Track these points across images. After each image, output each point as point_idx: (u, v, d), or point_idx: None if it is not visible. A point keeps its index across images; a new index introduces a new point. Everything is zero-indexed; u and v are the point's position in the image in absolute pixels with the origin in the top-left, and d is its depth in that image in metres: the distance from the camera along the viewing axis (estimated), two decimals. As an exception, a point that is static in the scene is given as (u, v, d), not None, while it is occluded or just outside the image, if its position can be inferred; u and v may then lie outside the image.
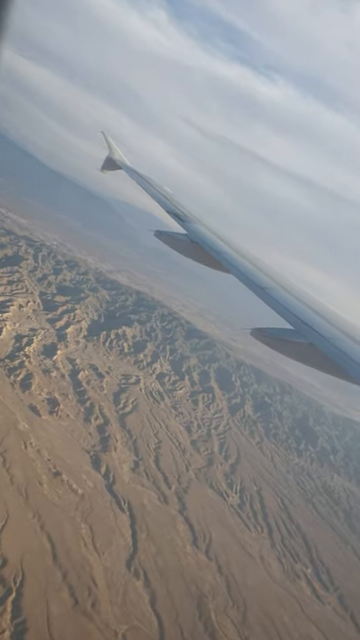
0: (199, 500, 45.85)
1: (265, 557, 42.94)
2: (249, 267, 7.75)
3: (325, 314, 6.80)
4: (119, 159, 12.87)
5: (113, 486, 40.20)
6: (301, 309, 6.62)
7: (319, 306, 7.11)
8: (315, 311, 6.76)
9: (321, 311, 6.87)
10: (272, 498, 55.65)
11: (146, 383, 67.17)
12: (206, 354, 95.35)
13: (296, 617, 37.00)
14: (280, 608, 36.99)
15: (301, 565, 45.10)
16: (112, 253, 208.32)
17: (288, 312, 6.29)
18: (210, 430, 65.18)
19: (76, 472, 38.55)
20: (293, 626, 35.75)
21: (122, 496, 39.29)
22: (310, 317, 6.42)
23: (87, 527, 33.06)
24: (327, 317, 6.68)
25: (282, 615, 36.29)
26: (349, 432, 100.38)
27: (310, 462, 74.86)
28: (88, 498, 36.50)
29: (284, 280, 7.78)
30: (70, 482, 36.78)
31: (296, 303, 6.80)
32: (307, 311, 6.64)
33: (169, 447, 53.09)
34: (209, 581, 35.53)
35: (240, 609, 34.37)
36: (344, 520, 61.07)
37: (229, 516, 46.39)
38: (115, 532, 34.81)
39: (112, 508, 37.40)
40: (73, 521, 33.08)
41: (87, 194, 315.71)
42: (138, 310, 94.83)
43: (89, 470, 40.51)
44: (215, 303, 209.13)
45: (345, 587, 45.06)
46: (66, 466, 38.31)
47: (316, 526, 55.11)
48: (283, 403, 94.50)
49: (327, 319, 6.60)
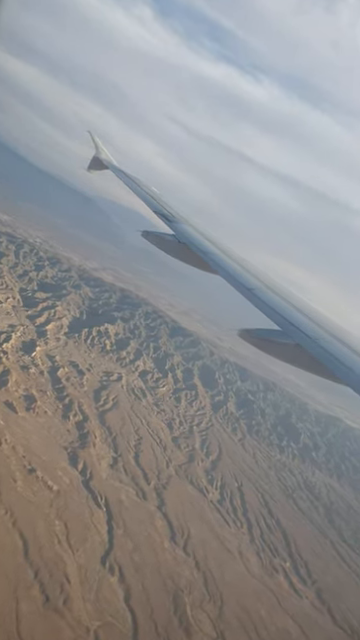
0: (179, 496, 45.69)
1: (244, 552, 43.00)
2: (236, 268, 7.77)
3: (311, 315, 6.83)
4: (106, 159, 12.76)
5: (90, 482, 39.76)
6: (287, 310, 6.67)
7: (305, 307, 7.14)
8: (301, 312, 6.80)
9: (307, 312, 6.90)
10: (253, 494, 55.83)
11: (128, 380, 66.75)
12: (190, 352, 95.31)
13: (273, 611, 37.11)
14: (257, 602, 37.05)
15: (280, 559, 45.31)
16: (98, 251, 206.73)
17: (275, 313, 6.34)
18: (192, 427, 65.09)
19: (52, 469, 38.01)
20: (270, 620, 35.84)
21: (99, 492, 38.89)
22: (296, 318, 6.47)
23: (61, 524, 32.59)
24: (313, 318, 6.72)
25: (259, 609, 36.36)
26: (332, 429, 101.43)
27: (292, 458, 75.40)
28: (63, 495, 36.00)
29: (271, 281, 7.80)
30: (45, 479, 36.24)
31: (282, 304, 6.84)
32: (293, 312, 6.68)
33: (150, 444, 52.81)
34: (186, 576, 35.38)
35: (217, 603, 34.30)
36: (324, 515, 61.63)
37: (209, 512, 46.34)
38: (90, 529, 34.40)
39: (88, 504, 36.97)
40: (47, 518, 32.58)
41: (73, 193, 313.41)
42: (122, 308, 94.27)
43: (65, 467, 39.99)
44: (202, 303, 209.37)
45: (323, 581, 45.43)
46: (41, 463, 37.73)
47: (296, 521, 55.48)
48: (266, 400, 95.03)
49: (313, 320, 6.63)
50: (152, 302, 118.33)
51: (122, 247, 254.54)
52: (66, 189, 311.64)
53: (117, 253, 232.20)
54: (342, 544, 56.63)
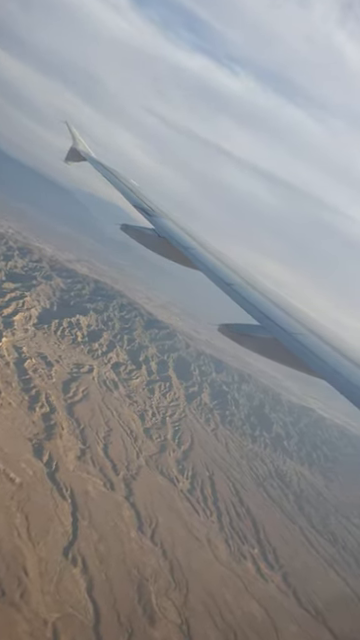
0: (148, 486, 45.47)
1: (212, 540, 43.22)
2: (215, 263, 7.79)
3: (289, 310, 6.93)
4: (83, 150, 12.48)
5: (55, 474, 39.03)
6: (266, 305, 6.75)
7: (283, 302, 7.24)
8: (279, 307, 6.88)
9: (285, 307, 7.00)
10: (224, 483, 56.19)
11: (100, 372, 65.89)
12: (166, 344, 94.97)
13: (239, 596, 37.47)
14: (223, 588, 37.33)
15: (248, 546, 45.79)
16: (73, 243, 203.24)
17: (253, 308, 6.42)
18: (165, 418, 64.93)
19: (14, 461, 37.08)
20: (235, 604, 36.17)
21: (64, 484, 38.22)
22: (274, 313, 6.55)
23: (22, 516, 31.84)
24: (291, 313, 6.81)
25: (225, 594, 36.63)
26: (304, 419, 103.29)
27: (264, 447, 76.35)
28: (26, 487, 35.18)
29: (250, 276, 7.85)
30: (7, 471, 35.31)
31: (261, 299, 6.91)
32: (272, 307, 6.76)
33: (120, 435, 52.33)
34: (152, 565, 35.25)
35: (182, 591, 34.34)
36: (294, 502, 62.70)
37: (178, 501, 46.33)
38: (54, 520, 33.78)
39: (53, 496, 36.28)
40: (7, 510, 31.76)
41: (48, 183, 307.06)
42: (95, 299, 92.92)
43: (30, 458, 39.10)
44: (181, 296, 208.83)
45: (290, 565, 46.20)
46: (3, 455, 36.74)
47: (266, 509, 56.20)
48: (240, 391, 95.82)
49: (291, 315, 6.72)
50: (128, 294, 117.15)
51: (99, 240, 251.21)
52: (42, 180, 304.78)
53: (94, 245, 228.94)
54: (311, 530, 57.79)
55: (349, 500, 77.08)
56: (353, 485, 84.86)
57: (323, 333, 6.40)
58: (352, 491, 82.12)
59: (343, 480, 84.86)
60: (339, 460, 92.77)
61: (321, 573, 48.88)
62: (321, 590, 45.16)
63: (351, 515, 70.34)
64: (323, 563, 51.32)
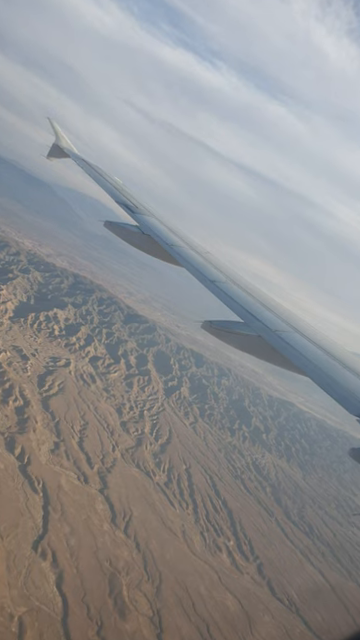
0: (123, 479, 44.99)
1: (187, 532, 43.07)
2: (199, 260, 7.78)
3: (272, 307, 6.93)
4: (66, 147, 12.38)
5: (27, 468, 38.16)
6: (249, 302, 6.74)
7: (267, 299, 7.23)
8: (263, 304, 6.88)
9: (269, 304, 7.00)
10: (201, 475, 56.14)
11: (77, 366, 64.90)
12: (145, 338, 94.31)
13: (213, 587, 37.43)
14: (198, 579, 37.22)
15: (224, 538, 45.84)
16: (54, 238, 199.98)
17: (237, 305, 6.41)
18: (143, 412, 64.45)
19: (-17, 454, 36.08)
20: (209, 595, 36.11)
21: (36, 477, 37.40)
22: (258, 310, 6.54)
23: (-10, 510, 30.97)
24: (274, 310, 6.82)
25: (199, 586, 36.53)
26: (283, 413, 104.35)
27: (242, 441, 76.70)
28: (-5, 481, 34.27)
29: (233, 274, 7.84)
30: (-25, 465, 34.30)
31: (245, 296, 6.91)
32: (255, 304, 6.76)
33: (96, 428, 51.63)
34: (124, 558, 34.84)
35: (155, 583, 34.07)
36: (271, 494, 63.19)
37: (154, 494, 46.01)
38: (24, 514, 32.99)
39: (24, 490, 35.45)
40: (-26, 505, 30.86)
41: (29, 178, 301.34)
42: (74, 293, 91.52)
43: (1, 452, 38.11)
44: (163, 292, 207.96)
45: (265, 556, 46.48)
46: (-28, 448, 35.70)
47: (242, 501, 56.43)
48: (220, 385, 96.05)
49: (274, 312, 6.73)
50: (108, 289, 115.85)
51: (80, 234, 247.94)
52: (22, 175, 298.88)
53: (75, 240, 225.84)
54: (287, 522, 58.36)
55: (326, 492, 78.28)
56: (330, 477, 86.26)
57: (306, 330, 6.41)
58: (329, 483, 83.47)
59: (321, 472, 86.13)
60: (317, 453, 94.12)
61: (296, 564, 49.38)
62: (295, 581, 45.62)
63: (327, 507, 71.43)
64: (298, 554, 51.87)
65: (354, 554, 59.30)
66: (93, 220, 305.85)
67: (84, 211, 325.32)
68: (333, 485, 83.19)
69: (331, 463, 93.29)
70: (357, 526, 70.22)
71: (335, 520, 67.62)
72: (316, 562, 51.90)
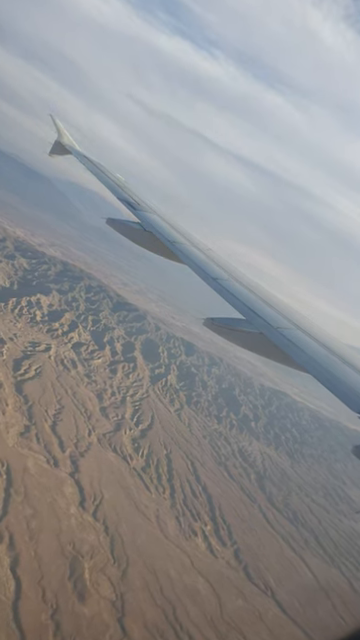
0: (97, 464, 43.89)
1: (162, 516, 42.02)
2: (201, 257, 7.77)
3: (275, 304, 6.91)
4: (68, 143, 12.29)
5: (-8, 450, 37.01)
6: (252, 299, 6.72)
7: (269, 296, 7.21)
8: (265, 301, 6.86)
9: (271, 301, 6.98)
10: (182, 461, 55.06)
11: (58, 351, 63.70)
12: (134, 326, 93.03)
13: (184, 571, 36.39)
14: (168, 563, 36.18)
15: (201, 523, 44.80)
16: (49, 229, 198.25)
17: (239, 302, 6.39)
18: (125, 397, 63.30)
19: None
20: (179, 579, 35.09)
21: (1, 460, 36.22)
22: (260, 307, 6.53)
23: None
24: (277, 307, 6.80)
25: (168, 570, 35.50)
26: (275, 402, 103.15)
27: (229, 428, 75.60)
28: None
29: (235, 271, 7.83)
30: None
31: (247, 293, 6.89)
32: (257, 301, 6.74)
33: (72, 413, 50.47)
34: (90, 541, 33.78)
35: (121, 567, 33.02)
36: (255, 481, 62.13)
37: (129, 478, 44.91)
38: (-17, 496, 31.87)
39: (-14, 472, 34.31)
40: None
41: (29, 172, 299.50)
42: (60, 280, 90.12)
43: (-35, 434, 36.99)
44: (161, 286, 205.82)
45: (243, 542, 45.46)
46: None
47: (224, 487, 55.36)
48: (210, 374, 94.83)
49: (276, 309, 6.71)
50: (100, 278, 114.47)
51: (79, 227, 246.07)
52: (21, 168, 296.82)
53: (72, 232, 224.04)
54: (271, 508, 57.31)
55: (315, 480, 77.26)
56: (320, 466, 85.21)
57: (307, 327, 6.38)
58: (318, 472, 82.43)
59: (311, 461, 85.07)
60: (308, 442, 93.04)
61: (276, 550, 48.35)
62: (274, 566, 44.61)
63: (315, 494, 70.40)
64: (279, 540, 50.83)
65: (339, 541, 58.33)
66: (92, 214, 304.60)
67: (83, 205, 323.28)
68: (323, 474, 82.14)
69: (322, 452, 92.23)
70: (344, 514, 69.27)
71: (322, 508, 66.62)
72: (298, 549, 50.89)
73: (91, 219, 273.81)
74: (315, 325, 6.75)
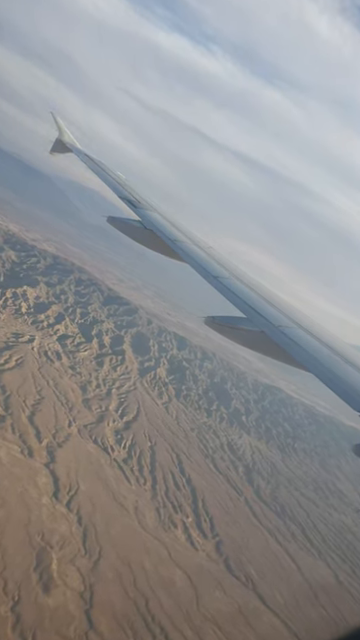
0: (75, 454, 42.90)
1: (140, 508, 41.02)
2: (202, 256, 7.78)
3: (276, 303, 6.92)
4: (69, 142, 12.24)
5: None
6: (253, 298, 6.71)
7: (270, 295, 7.24)
8: (266, 300, 6.87)
9: (272, 300, 6.99)
10: (166, 453, 54.06)
11: (42, 343, 62.70)
12: (124, 320, 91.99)
13: (160, 563, 35.41)
14: (143, 555, 35.19)
15: (182, 515, 43.80)
16: (46, 226, 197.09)
17: (240, 301, 6.39)
18: (111, 390, 62.30)
19: None
20: (154, 571, 34.11)
21: (-29, 449, 35.25)
22: (261, 306, 6.51)
23: None
24: (278, 305, 6.81)
25: (144, 562, 34.51)
26: (269, 397, 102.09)
27: (219, 422, 74.58)
28: None
29: (236, 269, 7.87)
30: None
31: (248, 292, 6.89)
32: (258, 300, 6.73)
33: (52, 404, 49.48)
34: (61, 532, 32.80)
35: (92, 558, 32.04)
36: (243, 474, 61.13)
37: (108, 469, 43.92)
38: None
39: None
40: None
41: (28, 170, 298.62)
42: (49, 273, 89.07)
43: None
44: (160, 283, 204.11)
45: (226, 534, 44.48)
46: None
47: (210, 479, 54.36)
48: (202, 368, 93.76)
49: (277, 307, 6.72)
50: (91, 272, 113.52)
51: (77, 225, 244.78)
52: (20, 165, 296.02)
53: (70, 230, 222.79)
54: (257, 501, 56.29)
55: (306, 474, 76.22)
56: (312, 461, 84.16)
57: (308, 326, 6.38)
58: (310, 466, 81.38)
59: (302, 455, 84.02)
60: (301, 436, 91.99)
61: (261, 542, 47.34)
62: (257, 559, 43.60)
63: (305, 488, 69.39)
64: (265, 533, 49.82)
65: (327, 535, 57.33)
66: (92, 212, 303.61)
67: (83, 203, 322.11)
68: (314, 468, 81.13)
69: (315, 447, 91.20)
70: (335, 507, 68.27)
71: (311, 501, 65.62)
72: (284, 542, 49.88)
73: (91, 217, 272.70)
74: (316, 324, 6.73)
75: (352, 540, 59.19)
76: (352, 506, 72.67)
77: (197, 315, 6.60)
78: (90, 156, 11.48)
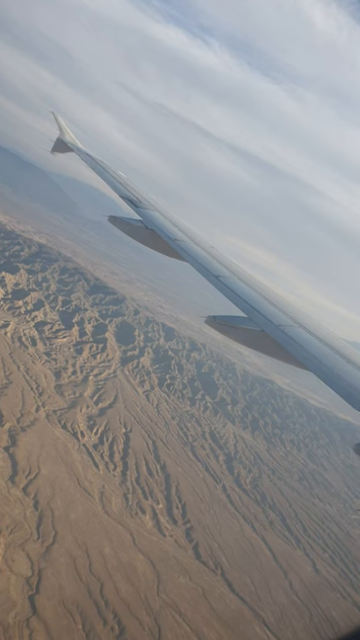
0: (39, 439, 41.40)
1: (106, 493, 39.55)
2: (203, 255, 7.75)
3: (276, 302, 6.90)
4: (70, 141, 12.22)
5: None
6: (253, 297, 6.71)
7: (271, 294, 7.21)
8: (267, 299, 6.86)
9: (273, 299, 6.97)
10: (141, 440, 52.58)
11: (17, 329, 61.19)
12: (110, 309, 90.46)
13: (122, 549, 33.93)
14: (104, 540, 33.72)
15: (153, 501, 42.33)
16: (39, 219, 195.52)
17: (241, 300, 6.41)
18: (88, 376, 60.81)
19: None
20: (114, 556, 32.64)
21: None
22: (262, 305, 6.52)
23: None
24: (278, 305, 6.79)
25: (103, 547, 33.03)
26: (258, 388, 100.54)
27: (203, 411, 73.08)
28: None
29: (237, 269, 7.83)
30: None
31: (249, 291, 6.88)
32: (259, 299, 6.73)
33: (21, 389, 47.98)
34: (14, 516, 31.33)
35: (45, 542, 30.57)
36: (223, 462, 59.65)
37: (75, 454, 42.43)
38: None
39: None
40: None
41: (22, 163, 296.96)
42: (32, 261, 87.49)
43: None
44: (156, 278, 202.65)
45: (198, 521, 43.02)
46: None
47: (186, 466, 52.88)
48: (189, 358, 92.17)
49: (278, 306, 6.71)
50: (79, 262, 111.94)
51: (73, 219, 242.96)
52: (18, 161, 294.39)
53: (65, 224, 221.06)
54: (236, 489, 54.83)
55: (291, 465, 74.71)
56: (299, 452, 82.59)
57: (309, 325, 6.39)
58: (297, 457, 79.84)
59: (290, 446, 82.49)
60: (289, 428, 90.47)
61: (235, 530, 45.88)
62: (230, 546, 42.15)
63: (289, 478, 67.89)
64: (240, 520, 48.35)
65: (309, 524, 55.88)
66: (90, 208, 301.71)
67: (81, 198, 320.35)
68: (301, 459, 79.67)
69: (304, 438, 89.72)
70: (319, 497, 66.83)
71: (295, 491, 64.18)
72: (261, 529, 48.42)
73: (90, 213, 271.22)
74: (317, 323, 6.74)
75: (335, 530, 57.76)
76: (338, 496, 71.22)
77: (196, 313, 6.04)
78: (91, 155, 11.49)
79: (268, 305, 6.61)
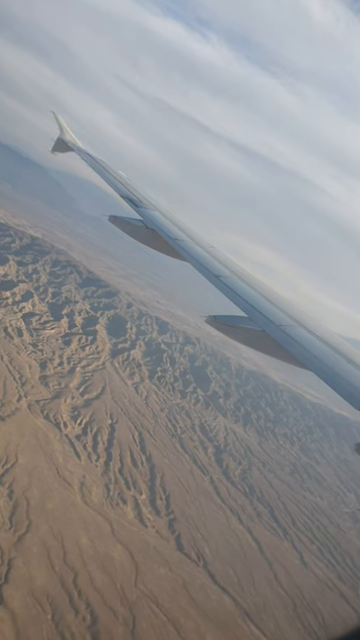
0: (19, 429, 40.64)
1: (87, 483, 38.79)
2: (204, 255, 7.74)
3: (277, 301, 6.89)
4: (70, 141, 12.25)
5: None
6: (254, 297, 6.71)
7: (271, 294, 7.20)
8: (267, 299, 6.86)
9: (273, 298, 6.96)
10: (127, 431, 51.81)
11: (3, 319, 60.36)
12: (102, 302, 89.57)
13: (100, 539, 33.19)
14: (80, 530, 32.97)
15: (135, 492, 41.57)
16: (37, 214, 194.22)
17: (241, 299, 6.41)
18: (75, 368, 60.00)
19: None
20: (90, 546, 31.89)
21: None
22: (262, 304, 6.52)
23: None
24: (279, 304, 6.79)
25: (81, 537, 32.29)
26: (252, 382, 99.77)
27: (194, 403, 72.30)
28: None
29: (238, 268, 7.82)
30: None
31: (249, 291, 6.88)
32: (260, 298, 6.73)
33: (3, 379, 47.22)
34: (-13, 504, 30.52)
35: (18, 532, 29.83)
36: (212, 454, 58.89)
37: (56, 444, 41.67)
38: None
39: None
40: None
41: (22, 159, 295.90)
42: (23, 253, 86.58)
43: None
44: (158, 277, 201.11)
45: (182, 512, 42.26)
46: None
47: (173, 458, 52.12)
48: (183, 352, 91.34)
49: (278, 306, 6.70)
50: (71, 255, 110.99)
51: (71, 215, 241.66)
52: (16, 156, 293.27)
53: (63, 219, 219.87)
54: (224, 481, 54.06)
55: (283, 458, 73.92)
56: (292, 445, 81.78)
57: (310, 324, 6.38)
58: (290, 450, 79.03)
59: (282, 440, 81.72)
60: (283, 422, 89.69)
61: (220, 521, 45.11)
62: (214, 537, 41.39)
63: (280, 471, 67.13)
64: (227, 512, 47.60)
65: (298, 516, 55.14)
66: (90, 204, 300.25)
67: (81, 195, 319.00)
68: (294, 452, 78.89)
69: (297, 432, 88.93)
70: (310, 490, 66.09)
71: (285, 484, 63.43)
72: (247, 521, 47.68)
73: (89, 209, 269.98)
74: (317, 322, 6.70)
75: (325, 522, 57.03)
76: (330, 490, 70.47)
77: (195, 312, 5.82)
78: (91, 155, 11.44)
79: (268, 305, 6.60)
